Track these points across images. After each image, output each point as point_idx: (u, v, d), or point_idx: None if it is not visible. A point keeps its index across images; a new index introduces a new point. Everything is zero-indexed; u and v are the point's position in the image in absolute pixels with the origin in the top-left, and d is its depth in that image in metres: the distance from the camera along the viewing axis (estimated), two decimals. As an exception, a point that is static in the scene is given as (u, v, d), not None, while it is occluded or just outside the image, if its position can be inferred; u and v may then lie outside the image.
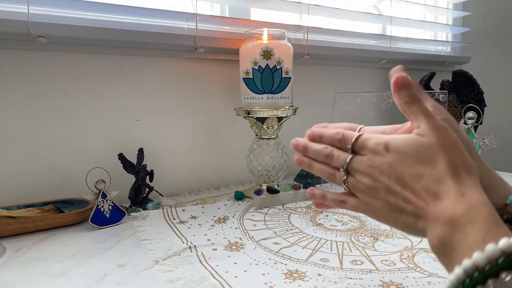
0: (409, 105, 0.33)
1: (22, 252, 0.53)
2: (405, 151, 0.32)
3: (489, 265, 0.24)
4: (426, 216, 0.30)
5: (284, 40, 0.80)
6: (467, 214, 0.27)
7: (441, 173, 0.30)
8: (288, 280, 0.45)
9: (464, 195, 0.28)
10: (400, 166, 0.32)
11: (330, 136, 0.37)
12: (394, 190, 0.32)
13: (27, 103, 0.71)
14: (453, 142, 0.31)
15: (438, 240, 0.28)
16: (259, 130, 0.81)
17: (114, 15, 0.78)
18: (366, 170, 0.34)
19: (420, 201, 0.30)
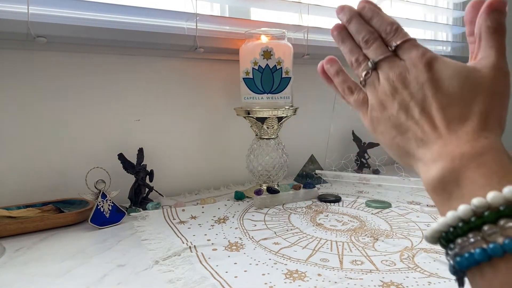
0: (493, 31, 0.29)
1: (22, 252, 0.53)
2: (447, 78, 0.29)
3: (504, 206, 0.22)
4: (432, 146, 0.28)
5: (284, 40, 0.80)
6: (483, 155, 0.25)
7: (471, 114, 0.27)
8: (288, 280, 0.45)
9: (485, 138, 0.26)
10: (432, 90, 0.29)
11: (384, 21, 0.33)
12: (411, 108, 0.29)
13: (27, 103, 0.71)
14: (505, 94, 0.28)
15: (441, 173, 0.26)
16: (259, 130, 0.81)
17: (114, 15, 0.78)
18: (395, 76, 0.31)
19: (433, 128, 0.28)
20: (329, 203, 0.77)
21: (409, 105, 0.30)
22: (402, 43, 0.31)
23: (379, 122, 0.32)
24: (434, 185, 0.27)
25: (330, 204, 0.76)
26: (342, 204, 0.76)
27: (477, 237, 0.22)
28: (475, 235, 0.22)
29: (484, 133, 0.26)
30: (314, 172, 0.94)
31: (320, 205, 0.76)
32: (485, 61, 0.29)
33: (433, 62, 0.30)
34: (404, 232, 0.61)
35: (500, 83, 0.28)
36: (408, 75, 0.30)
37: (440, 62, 0.30)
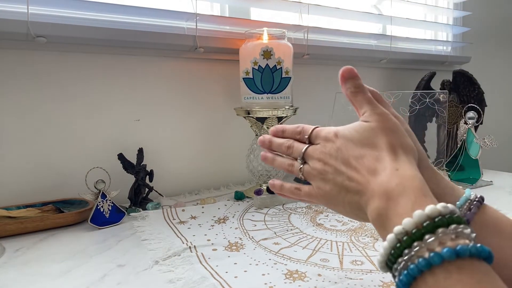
0: (355, 94, 0.37)
1: (22, 252, 0.53)
2: (350, 136, 0.35)
3: (416, 229, 0.26)
4: (366, 192, 0.32)
5: (284, 40, 0.80)
6: (399, 186, 0.30)
7: (380, 153, 0.33)
8: (288, 281, 0.45)
9: (398, 170, 0.31)
10: (346, 149, 0.35)
11: (292, 129, 0.41)
12: (340, 170, 0.35)
13: (27, 103, 0.71)
14: (392, 125, 0.35)
15: (376, 213, 0.30)
16: (259, 130, 0.81)
17: (114, 15, 0.78)
18: (318, 156, 0.37)
19: (361, 177, 0.33)
20: (329, 203, 0.76)
21: (338, 168, 0.35)
22: (310, 133, 0.39)
23: (328, 197, 0.37)
24: (374, 223, 0.31)
25: (330, 204, 0.76)
26: (342, 204, 0.76)
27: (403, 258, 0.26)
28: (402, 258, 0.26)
29: (396, 165, 0.32)
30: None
31: (320, 205, 0.75)
32: (366, 114, 0.36)
33: (337, 132, 0.36)
34: (404, 232, 0.60)
35: (384, 121, 0.35)
36: (326, 149, 0.37)
37: (342, 130, 0.36)
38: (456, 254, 0.24)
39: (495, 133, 0.94)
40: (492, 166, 1.09)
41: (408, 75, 1.28)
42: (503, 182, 0.96)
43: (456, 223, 0.26)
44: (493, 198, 0.81)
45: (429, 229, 0.25)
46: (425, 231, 0.25)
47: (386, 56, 1.16)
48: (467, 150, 0.91)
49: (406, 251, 0.26)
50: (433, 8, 1.32)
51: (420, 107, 0.92)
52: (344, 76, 0.38)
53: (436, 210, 0.26)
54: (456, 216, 0.26)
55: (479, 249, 0.24)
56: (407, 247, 0.26)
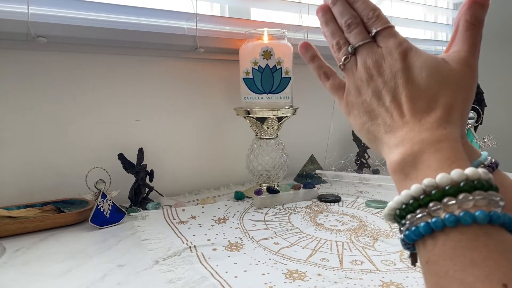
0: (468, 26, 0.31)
1: (22, 252, 0.53)
2: (419, 69, 0.30)
3: (450, 186, 0.24)
4: (398, 131, 0.29)
5: (284, 40, 0.80)
6: (441, 142, 0.27)
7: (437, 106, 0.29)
8: (288, 280, 0.45)
9: (445, 129, 0.28)
10: (404, 79, 0.30)
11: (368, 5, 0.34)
12: (383, 95, 0.31)
13: (27, 103, 0.71)
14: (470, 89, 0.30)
15: (401, 156, 0.28)
16: (259, 130, 0.81)
17: (114, 15, 0.78)
18: (371, 61, 0.32)
19: (401, 116, 0.30)
20: (329, 203, 0.77)
21: (381, 92, 0.31)
22: (382, 30, 0.32)
23: (353, 106, 0.33)
24: (394, 167, 0.28)
25: (330, 204, 0.76)
26: (342, 204, 0.76)
27: (423, 212, 0.24)
28: (422, 211, 0.24)
29: (444, 124, 0.28)
30: (314, 172, 0.94)
31: (320, 205, 0.76)
32: (456, 55, 0.31)
33: (407, 52, 0.31)
34: (404, 232, 0.61)
35: (466, 78, 0.30)
36: (384, 63, 0.31)
37: (414, 53, 0.31)
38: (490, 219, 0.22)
39: (495, 133, 0.94)
40: (492, 166, 1.09)
41: (408, 75, 1.28)
42: (503, 182, 0.95)
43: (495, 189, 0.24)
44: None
45: (467, 188, 0.23)
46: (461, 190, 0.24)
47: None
48: (467, 150, 0.91)
49: (432, 204, 0.24)
50: (433, 8, 1.32)
51: (420, 107, 0.92)
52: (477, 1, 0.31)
53: (477, 173, 0.24)
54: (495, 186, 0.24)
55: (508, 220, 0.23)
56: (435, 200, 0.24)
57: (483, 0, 0.31)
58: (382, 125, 0.31)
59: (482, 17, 0.31)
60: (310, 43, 0.39)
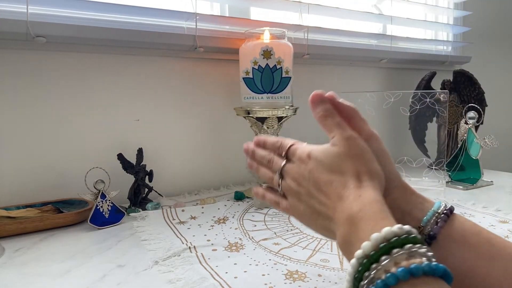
0: (324, 118, 0.37)
1: (22, 252, 0.53)
2: (321, 160, 0.35)
3: (373, 252, 0.26)
4: (334, 218, 0.33)
5: (284, 40, 0.80)
6: (360, 212, 0.30)
7: (347, 179, 0.33)
8: (288, 281, 0.45)
9: (360, 196, 0.32)
10: (317, 173, 0.35)
11: (271, 143, 0.42)
12: (312, 193, 0.35)
13: (26, 103, 0.71)
14: (359, 151, 0.35)
15: (341, 238, 0.31)
16: (259, 130, 0.81)
17: (113, 14, 0.78)
18: (293, 175, 0.38)
19: (330, 203, 0.34)
20: (329, 203, 0.76)
21: (310, 191, 0.36)
22: (287, 151, 0.39)
23: (301, 216, 0.38)
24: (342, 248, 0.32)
25: (330, 204, 0.76)
26: (342, 204, 0.76)
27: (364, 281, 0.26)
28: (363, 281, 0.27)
29: (359, 191, 0.32)
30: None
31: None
32: (334, 139, 0.36)
33: (310, 153, 0.37)
34: (404, 232, 0.60)
35: (352, 147, 0.35)
36: (300, 170, 0.37)
37: (315, 151, 0.36)
38: (410, 273, 0.24)
39: (496, 133, 0.94)
40: (492, 166, 1.09)
41: (408, 75, 1.28)
42: (503, 182, 0.95)
43: (412, 242, 0.26)
44: (494, 198, 0.81)
45: (385, 250, 0.26)
46: (381, 252, 0.26)
47: (386, 56, 1.16)
48: (468, 150, 0.91)
49: (366, 274, 0.26)
50: (434, 8, 1.32)
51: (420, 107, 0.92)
52: (314, 101, 0.38)
53: (391, 231, 0.27)
54: (412, 236, 0.27)
55: (433, 267, 0.24)
56: (367, 270, 0.26)
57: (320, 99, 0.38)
58: (326, 219, 0.34)
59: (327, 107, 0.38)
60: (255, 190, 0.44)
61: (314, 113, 0.38)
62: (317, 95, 0.38)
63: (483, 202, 0.77)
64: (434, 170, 0.87)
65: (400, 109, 0.94)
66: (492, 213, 0.71)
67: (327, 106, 0.38)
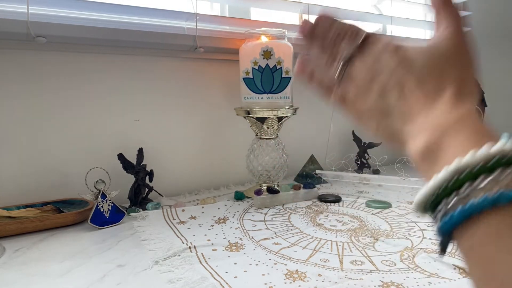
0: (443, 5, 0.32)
1: (22, 252, 0.53)
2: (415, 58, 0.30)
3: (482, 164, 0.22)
4: (415, 121, 0.29)
5: (284, 40, 0.80)
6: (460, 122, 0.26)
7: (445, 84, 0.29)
8: (288, 281, 0.45)
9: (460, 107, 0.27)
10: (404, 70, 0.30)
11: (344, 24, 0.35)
12: (389, 90, 0.30)
13: (27, 103, 0.71)
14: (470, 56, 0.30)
15: (425, 144, 0.27)
16: (259, 130, 0.81)
17: (113, 14, 0.78)
18: (367, 65, 0.32)
19: (414, 105, 0.29)
20: (329, 203, 0.76)
21: (386, 88, 0.31)
22: (365, 38, 0.33)
23: (363, 112, 0.33)
24: (419, 157, 0.27)
25: (330, 204, 0.76)
26: (342, 204, 0.76)
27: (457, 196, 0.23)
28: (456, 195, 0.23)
29: (460, 100, 0.28)
30: (314, 172, 0.94)
31: (320, 205, 0.75)
32: (444, 32, 0.30)
33: (398, 48, 0.31)
34: (404, 232, 0.61)
35: (465, 48, 0.30)
36: (379, 64, 0.31)
37: (406, 46, 0.31)
38: None
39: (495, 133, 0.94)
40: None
41: (408, 75, 1.28)
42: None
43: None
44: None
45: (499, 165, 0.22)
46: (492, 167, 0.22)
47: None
48: (467, 150, 0.91)
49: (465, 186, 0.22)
50: (433, 8, 1.32)
51: (420, 107, 0.92)
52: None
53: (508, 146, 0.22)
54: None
55: None
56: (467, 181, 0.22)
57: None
58: (398, 119, 0.30)
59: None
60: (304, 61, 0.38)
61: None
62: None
63: (483, 202, 0.77)
64: (434, 170, 0.87)
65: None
66: (491, 213, 0.71)
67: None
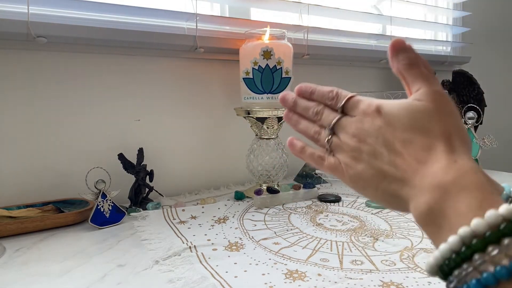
0: (409, 67, 0.32)
1: (22, 252, 0.53)
2: (397, 116, 0.30)
3: (489, 232, 0.22)
4: (412, 182, 0.28)
5: (284, 40, 0.80)
6: (459, 180, 0.25)
7: (433, 141, 0.28)
8: (288, 280, 0.45)
9: (456, 162, 0.27)
10: (389, 130, 0.30)
11: (323, 92, 0.36)
12: (380, 153, 0.30)
13: (27, 103, 0.71)
14: (451, 109, 0.30)
15: (427, 207, 0.26)
16: (259, 130, 0.81)
17: (114, 15, 0.78)
18: (353, 131, 0.32)
19: (407, 165, 0.28)
20: (329, 203, 0.77)
21: (377, 150, 0.30)
22: (346, 102, 0.33)
23: (358, 178, 0.32)
24: (423, 221, 0.27)
25: (330, 204, 0.76)
26: (342, 204, 0.76)
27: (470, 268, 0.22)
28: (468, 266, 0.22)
29: (453, 157, 0.27)
30: (314, 172, 0.94)
31: (320, 205, 0.76)
32: (420, 92, 0.30)
33: (380, 108, 0.31)
34: (404, 232, 0.61)
35: (443, 103, 0.30)
36: (364, 126, 0.31)
37: (386, 105, 0.31)
38: None
39: (495, 133, 0.94)
40: (492, 166, 1.09)
41: (408, 75, 1.28)
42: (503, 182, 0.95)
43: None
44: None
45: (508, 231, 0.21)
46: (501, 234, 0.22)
47: (386, 56, 1.13)
48: (467, 150, 0.91)
49: (477, 257, 0.22)
50: (433, 8, 1.32)
51: (420, 107, 0.92)
52: (396, 47, 0.32)
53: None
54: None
55: None
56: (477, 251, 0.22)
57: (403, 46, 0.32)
58: (394, 182, 0.29)
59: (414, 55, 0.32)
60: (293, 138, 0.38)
61: (395, 61, 0.33)
62: (400, 41, 0.32)
63: (483, 202, 0.77)
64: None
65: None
66: (491, 213, 0.71)
67: (412, 54, 0.32)
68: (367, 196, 0.33)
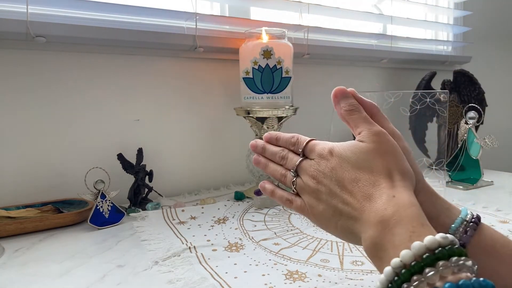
0: (350, 113, 0.36)
1: (21, 253, 0.53)
2: (346, 156, 0.33)
3: (415, 262, 0.25)
4: (361, 219, 0.31)
5: (284, 40, 0.80)
6: (395, 215, 0.28)
7: (377, 177, 0.31)
8: (288, 281, 0.45)
9: (395, 197, 0.30)
10: (340, 170, 0.33)
11: (286, 138, 0.40)
12: (334, 192, 0.33)
13: (26, 103, 0.70)
14: (390, 147, 0.33)
15: (370, 242, 0.29)
16: (259, 130, 0.81)
17: (113, 14, 0.78)
18: (312, 173, 0.36)
19: (356, 203, 0.31)
20: (330, 203, 0.76)
21: (332, 190, 0.34)
22: (305, 146, 0.38)
23: (320, 215, 0.35)
24: (369, 253, 0.30)
25: (331, 204, 0.76)
26: (343, 204, 0.76)
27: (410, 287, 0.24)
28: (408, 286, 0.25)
29: (392, 192, 0.30)
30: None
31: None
32: (362, 134, 0.34)
33: (332, 150, 0.35)
34: (404, 232, 0.60)
35: (383, 143, 0.33)
36: (321, 167, 0.35)
37: (337, 147, 0.35)
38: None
39: (496, 133, 0.94)
40: (492, 166, 1.09)
41: (408, 75, 1.28)
42: (503, 182, 0.95)
43: (457, 255, 0.25)
44: (494, 198, 0.81)
45: (429, 261, 0.24)
46: (424, 264, 0.24)
47: (386, 56, 1.15)
48: (468, 150, 0.91)
49: (405, 286, 0.24)
50: (434, 8, 1.32)
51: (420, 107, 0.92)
52: (337, 95, 0.37)
53: (436, 241, 0.25)
54: (456, 247, 0.25)
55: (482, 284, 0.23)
56: (405, 281, 0.25)
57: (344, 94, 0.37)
58: (348, 219, 0.32)
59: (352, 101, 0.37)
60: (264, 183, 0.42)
61: (338, 108, 0.37)
62: (341, 90, 0.37)
63: (483, 202, 0.77)
64: (434, 170, 0.87)
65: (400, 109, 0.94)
66: (492, 213, 0.70)
67: (352, 100, 0.36)
68: (330, 233, 0.36)
